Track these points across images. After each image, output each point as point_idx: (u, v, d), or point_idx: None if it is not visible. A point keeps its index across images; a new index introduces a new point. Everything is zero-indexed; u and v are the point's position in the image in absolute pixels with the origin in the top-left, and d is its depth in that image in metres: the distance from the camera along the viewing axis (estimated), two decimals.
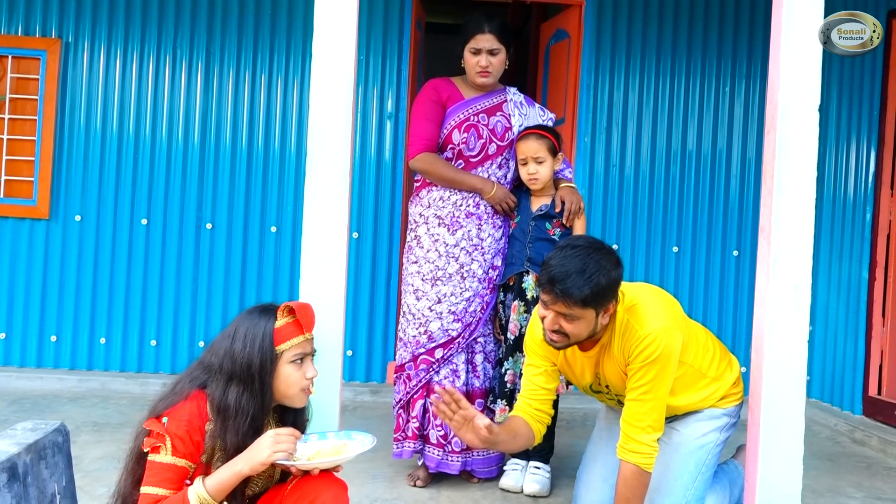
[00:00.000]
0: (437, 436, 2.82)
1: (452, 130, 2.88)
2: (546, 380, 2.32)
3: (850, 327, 4.16)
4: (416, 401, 2.84)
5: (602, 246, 2.13)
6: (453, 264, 2.85)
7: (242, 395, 1.68)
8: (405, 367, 2.87)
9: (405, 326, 2.90)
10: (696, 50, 4.36)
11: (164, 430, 1.63)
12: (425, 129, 2.88)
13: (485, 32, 2.83)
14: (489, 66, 2.85)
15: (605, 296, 2.08)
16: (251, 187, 4.28)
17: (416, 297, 2.86)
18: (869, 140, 4.21)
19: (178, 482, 1.63)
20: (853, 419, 3.98)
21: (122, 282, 4.25)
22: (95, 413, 3.64)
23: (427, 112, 2.89)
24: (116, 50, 4.26)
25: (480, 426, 2.03)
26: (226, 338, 1.73)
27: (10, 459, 1.52)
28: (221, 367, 1.70)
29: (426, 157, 2.86)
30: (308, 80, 4.25)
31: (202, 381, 1.71)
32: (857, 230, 4.18)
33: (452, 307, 2.84)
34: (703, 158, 4.37)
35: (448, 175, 2.86)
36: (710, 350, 2.37)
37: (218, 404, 1.68)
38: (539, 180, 2.83)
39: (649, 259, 4.32)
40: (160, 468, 1.62)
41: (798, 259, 2.17)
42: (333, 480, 1.76)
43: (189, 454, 1.64)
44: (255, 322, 1.74)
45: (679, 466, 2.31)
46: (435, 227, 2.87)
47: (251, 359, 1.70)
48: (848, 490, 3.06)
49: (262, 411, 1.72)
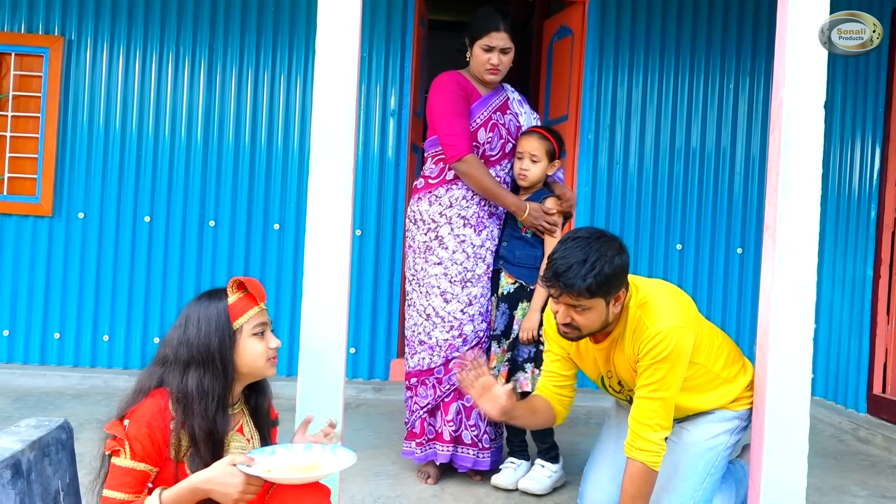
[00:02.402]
0: (472, 436, 2.81)
1: (479, 129, 2.83)
2: (563, 366, 2.37)
3: (855, 325, 4.15)
4: (450, 404, 2.80)
5: (603, 235, 2.13)
6: (481, 265, 2.83)
7: (204, 377, 1.67)
8: (434, 371, 2.80)
9: (430, 330, 2.81)
10: (700, 46, 4.35)
11: (124, 434, 1.62)
12: (462, 126, 2.77)
13: (500, 30, 2.77)
14: (500, 65, 2.81)
15: (612, 283, 2.07)
16: (254, 184, 4.27)
17: (445, 299, 2.79)
18: (874, 137, 4.20)
19: (137, 486, 1.62)
20: (857, 417, 3.97)
21: (125, 279, 4.26)
22: (99, 410, 3.65)
23: (458, 107, 2.77)
24: (119, 47, 4.26)
25: (499, 394, 2.09)
26: (178, 328, 1.73)
27: (14, 456, 1.52)
28: (177, 357, 1.69)
29: (473, 161, 2.77)
30: (310, 76, 4.25)
31: (160, 376, 1.70)
32: (862, 228, 4.17)
33: (482, 308, 2.83)
34: (706, 156, 4.36)
35: (487, 185, 2.77)
36: (725, 352, 2.36)
37: (178, 394, 1.66)
38: (528, 178, 2.82)
39: (653, 257, 4.31)
40: (119, 472, 1.61)
41: (803, 256, 2.16)
42: (315, 487, 1.73)
43: (150, 457, 1.63)
44: (206, 305, 1.73)
45: (688, 467, 2.31)
46: (460, 228, 2.80)
47: (209, 340, 1.69)
48: (852, 488, 3.06)
49: (227, 389, 1.71)
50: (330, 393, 2.13)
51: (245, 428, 1.80)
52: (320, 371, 2.14)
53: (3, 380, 4.03)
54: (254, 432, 1.81)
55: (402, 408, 3.80)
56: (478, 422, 2.81)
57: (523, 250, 2.82)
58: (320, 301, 2.14)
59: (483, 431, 2.82)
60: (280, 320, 4.12)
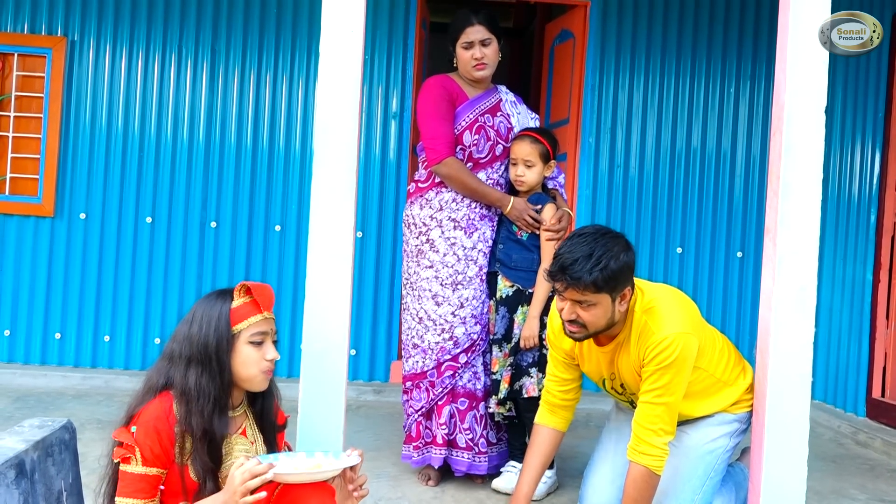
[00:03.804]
0: (466, 439, 2.80)
1: (464, 132, 2.83)
2: (568, 371, 2.38)
3: (854, 329, 4.15)
4: (443, 407, 2.80)
5: (610, 231, 2.15)
6: (472, 267, 2.82)
7: (202, 376, 1.68)
8: (427, 375, 2.81)
9: (422, 333, 2.82)
10: (701, 50, 4.36)
11: (134, 441, 1.63)
12: (444, 129, 2.79)
13: (473, 24, 2.78)
14: (484, 58, 2.79)
15: (617, 279, 2.08)
16: (255, 186, 4.28)
17: (437, 302, 2.79)
18: (874, 141, 4.21)
19: (150, 490, 1.63)
20: (857, 421, 3.98)
21: (127, 279, 4.26)
22: (100, 410, 3.65)
23: (442, 111, 2.79)
24: (122, 48, 4.27)
25: None
26: (185, 323, 1.74)
27: (18, 456, 1.53)
28: (181, 353, 1.71)
29: (453, 163, 2.78)
30: (312, 78, 4.26)
31: (167, 372, 1.71)
32: (862, 232, 4.18)
33: (474, 311, 2.82)
34: (707, 159, 4.37)
35: (471, 185, 2.78)
36: (726, 355, 2.37)
37: (181, 389, 1.68)
38: (525, 184, 2.81)
39: (653, 260, 4.32)
40: (133, 479, 1.62)
41: (804, 260, 2.17)
42: (321, 486, 1.74)
43: (159, 460, 1.64)
44: (212, 304, 1.74)
45: (688, 470, 2.31)
46: (451, 231, 2.81)
47: (207, 339, 1.70)
48: (851, 492, 3.06)
49: (223, 392, 1.71)
50: (332, 395, 2.13)
51: (248, 431, 1.80)
52: (322, 373, 2.14)
53: (4, 380, 4.03)
54: (257, 435, 1.81)
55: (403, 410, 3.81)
56: (473, 425, 2.80)
57: (519, 254, 2.81)
58: (322, 303, 2.14)
59: (479, 435, 2.81)
60: (280, 321, 4.11)
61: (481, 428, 2.82)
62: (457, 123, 2.83)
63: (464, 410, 2.81)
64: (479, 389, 2.83)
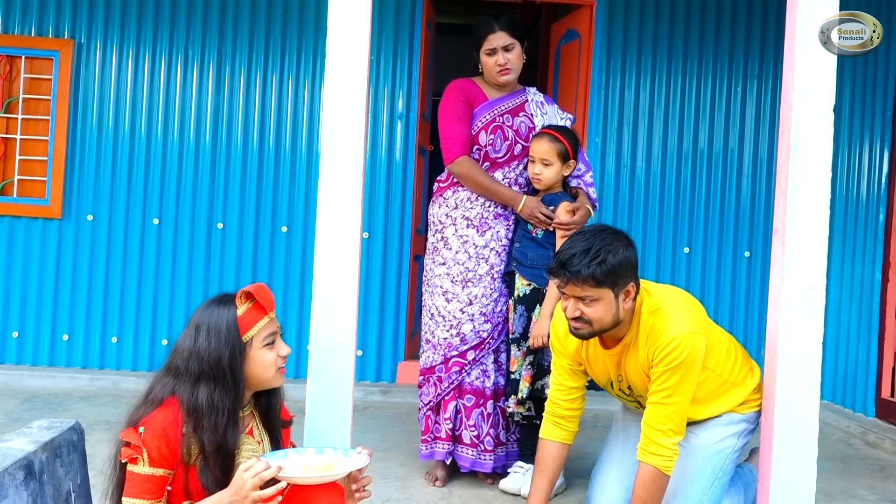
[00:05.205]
0: (471, 436, 2.82)
1: (480, 132, 2.87)
2: (573, 378, 2.35)
3: (863, 329, 4.13)
4: (448, 402, 2.84)
5: (609, 228, 2.17)
6: (483, 265, 2.85)
7: (214, 391, 1.66)
8: (435, 370, 2.86)
9: (433, 328, 2.88)
10: (708, 49, 4.35)
11: (141, 442, 1.62)
12: (460, 130, 2.86)
13: (496, 31, 2.84)
14: (507, 63, 2.85)
15: (618, 274, 2.07)
16: (262, 187, 4.29)
17: (447, 299, 2.85)
18: (882, 140, 4.19)
19: (157, 491, 1.63)
20: (866, 421, 3.96)
21: (134, 281, 4.27)
22: (107, 412, 3.66)
23: (458, 113, 2.87)
24: (129, 50, 4.28)
25: None
26: (188, 337, 1.70)
27: (27, 457, 1.53)
28: (188, 369, 1.67)
29: (466, 162, 2.84)
30: (319, 79, 4.27)
31: (172, 388, 1.68)
32: (871, 231, 4.16)
33: (483, 308, 2.84)
34: (714, 159, 4.36)
35: (483, 183, 2.83)
36: (733, 355, 2.37)
37: (189, 407, 1.65)
38: (542, 182, 2.81)
39: (660, 260, 4.30)
40: (139, 479, 1.62)
41: (812, 259, 2.16)
42: (330, 486, 1.74)
43: (166, 461, 1.63)
44: (216, 315, 1.70)
45: (696, 471, 2.30)
46: (464, 229, 2.86)
47: (219, 354, 1.67)
48: (861, 493, 3.05)
49: (238, 403, 1.71)
50: (339, 395, 2.14)
51: (255, 430, 1.80)
52: (330, 373, 2.14)
53: (13, 381, 4.05)
54: (264, 434, 1.81)
55: (410, 410, 3.82)
56: (478, 422, 2.82)
57: (535, 252, 2.81)
58: (330, 304, 2.14)
59: (485, 433, 2.83)
60: (287, 322, 4.11)
61: (488, 426, 2.83)
62: (473, 124, 2.88)
63: (470, 407, 2.82)
64: (488, 388, 2.84)
